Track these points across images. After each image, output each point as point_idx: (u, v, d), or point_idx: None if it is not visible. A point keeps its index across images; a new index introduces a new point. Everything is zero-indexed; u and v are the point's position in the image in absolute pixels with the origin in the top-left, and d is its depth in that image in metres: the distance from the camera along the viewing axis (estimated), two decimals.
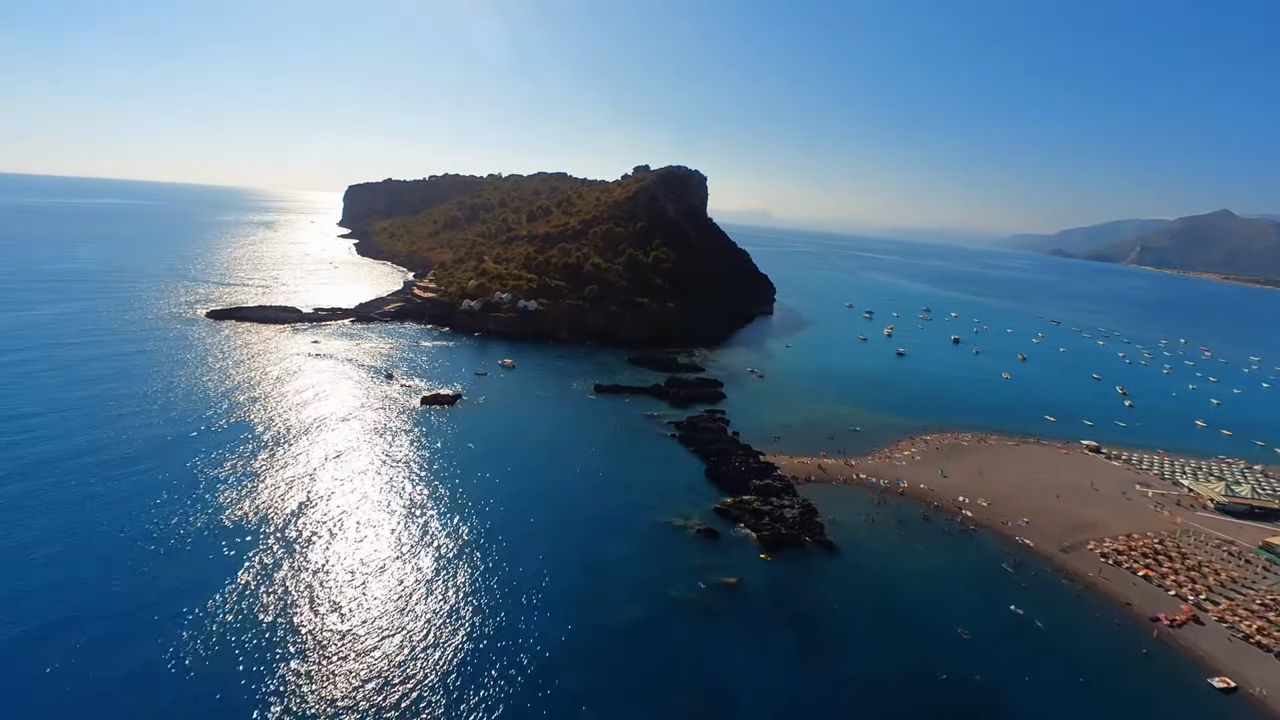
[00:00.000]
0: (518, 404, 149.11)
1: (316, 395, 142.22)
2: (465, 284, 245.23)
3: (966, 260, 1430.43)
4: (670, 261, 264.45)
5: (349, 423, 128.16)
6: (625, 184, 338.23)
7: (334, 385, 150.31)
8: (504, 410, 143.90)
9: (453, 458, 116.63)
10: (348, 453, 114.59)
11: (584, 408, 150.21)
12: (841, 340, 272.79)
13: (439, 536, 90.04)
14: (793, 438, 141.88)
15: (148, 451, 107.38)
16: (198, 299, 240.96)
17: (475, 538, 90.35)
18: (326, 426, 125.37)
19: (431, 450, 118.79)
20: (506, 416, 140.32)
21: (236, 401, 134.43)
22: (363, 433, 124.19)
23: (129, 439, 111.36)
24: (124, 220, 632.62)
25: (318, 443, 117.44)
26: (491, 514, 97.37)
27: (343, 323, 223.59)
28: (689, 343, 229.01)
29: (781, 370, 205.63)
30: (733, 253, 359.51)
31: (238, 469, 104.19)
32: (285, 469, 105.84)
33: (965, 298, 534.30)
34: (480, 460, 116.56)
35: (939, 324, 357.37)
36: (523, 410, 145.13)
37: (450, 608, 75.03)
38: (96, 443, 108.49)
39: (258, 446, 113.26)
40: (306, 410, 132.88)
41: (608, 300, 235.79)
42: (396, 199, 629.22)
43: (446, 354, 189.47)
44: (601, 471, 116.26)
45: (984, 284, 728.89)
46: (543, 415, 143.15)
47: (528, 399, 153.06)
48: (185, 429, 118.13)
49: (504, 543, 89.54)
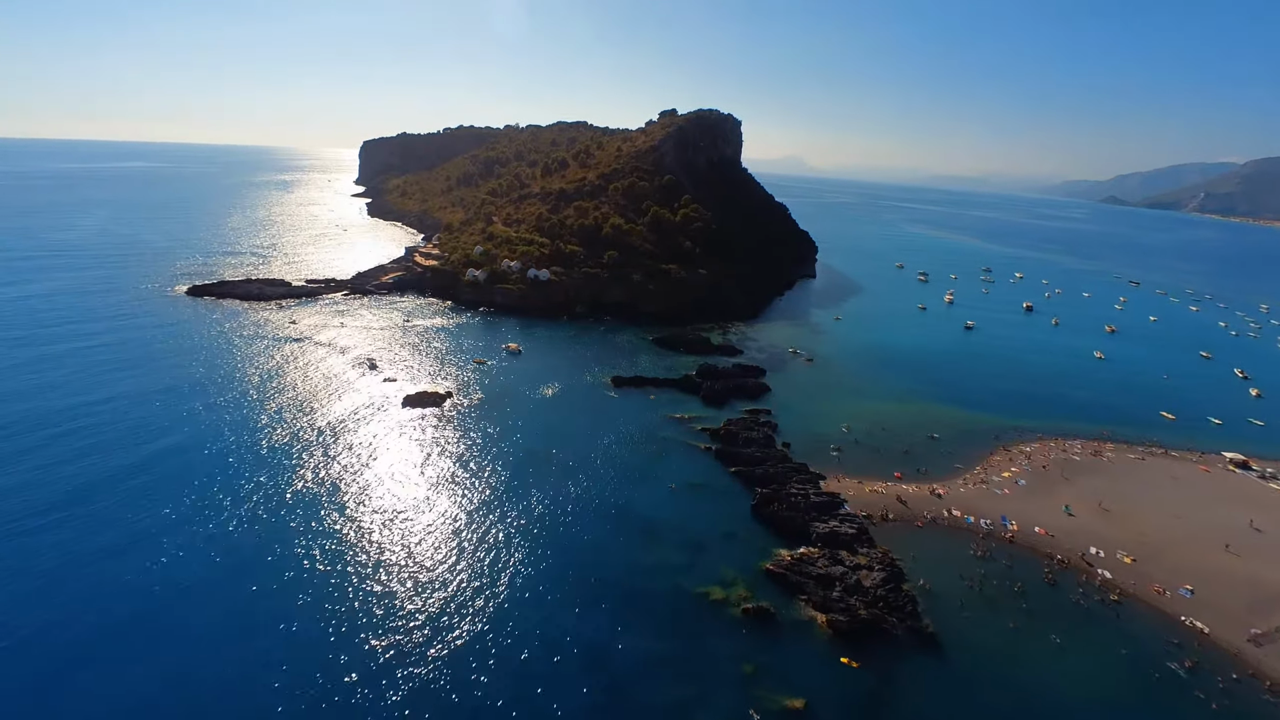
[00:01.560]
0: (518, 404, 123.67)
1: (272, 395, 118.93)
2: (470, 250, 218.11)
3: (1017, 210, 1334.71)
4: (701, 220, 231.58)
5: (302, 436, 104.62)
6: (649, 131, 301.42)
7: (300, 380, 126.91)
8: (500, 414, 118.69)
9: (422, 485, 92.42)
10: (285, 489, 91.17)
11: (598, 409, 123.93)
12: (898, 310, 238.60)
13: (362, 639, 66.13)
14: (857, 451, 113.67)
15: (62, 499, 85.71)
16: (185, 272, 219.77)
17: (420, 630, 66.21)
18: (273, 440, 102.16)
19: (399, 471, 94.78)
20: (502, 423, 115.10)
21: (171, 411, 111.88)
22: (314, 452, 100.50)
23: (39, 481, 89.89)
24: (139, 185, 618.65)
25: (249, 468, 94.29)
26: (455, 582, 73.11)
27: (335, 297, 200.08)
28: (723, 316, 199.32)
29: (833, 351, 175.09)
30: (770, 207, 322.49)
31: (137, 521, 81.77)
32: (186, 509, 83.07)
33: (1026, 254, 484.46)
34: (455, 490, 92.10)
35: (1003, 287, 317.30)
36: (523, 413, 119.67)
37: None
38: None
39: (164, 479, 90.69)
40: (255, 416, 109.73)
41: (629, 267, 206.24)
42: (410, 153, 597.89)
43: (444, 336, 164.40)
44: (614, 507, 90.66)
45: (1042, 238, 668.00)
46: (546, 421, 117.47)
47: (531, 398, 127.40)
48: (104, 466, 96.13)
49: (463, 633, 65.30)
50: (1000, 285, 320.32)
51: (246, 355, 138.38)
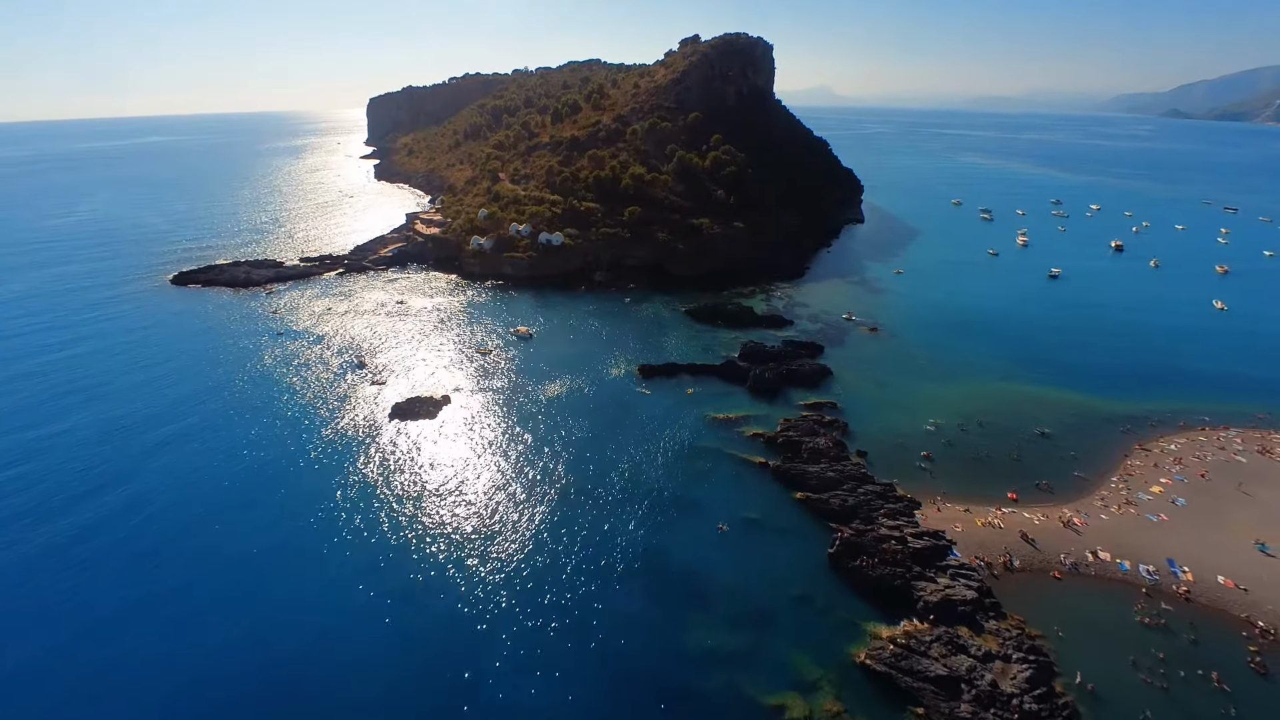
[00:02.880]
0: (525, 409, 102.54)
1: (236, 420, 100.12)
2: (474, 214, 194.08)
3: (1073, 130, 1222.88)
4: (734, 164, 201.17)
5: (262, 480, 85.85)
6: (670, 63, 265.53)
7: (272, 393, 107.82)
8: (503, 424, 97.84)
9: (405, 535, 72.97)
10: (240, 546, 72.73)
11: (622, 412, 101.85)
12: (965, 257, 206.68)
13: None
14: (951, 458, 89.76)
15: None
16: (174, 258, 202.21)
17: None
18: (232, 489, 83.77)
19: (381, 518, 75.48)
20: (504, 438, 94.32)
21: (118, 459, 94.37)
22: (271, 505, 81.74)
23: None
24: (150, 161, 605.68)
25: (190, 544, 76.10)
26: (427, 677, 53.84)
27: (329, 276, 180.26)
28: (764, 276, 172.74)
29: (898, 315, 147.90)
30: (809, 144, 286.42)
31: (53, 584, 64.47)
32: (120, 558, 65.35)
33: (1096, 180, 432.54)
34: (444, 541, 72.39)
35: (1080, 222, 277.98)
36: (531, 422, 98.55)
37: None
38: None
39: (94, 561, 73.13)
40: (209, 459, 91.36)
41: (654, 224, 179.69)
42: (418, 108, 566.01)
43: (443, 319, 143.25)
44: (644, 559, 69.71)
45: (1109, 160, 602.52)
46: (558, 431, 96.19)
47: (541, 399, 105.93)
48: (26, 544, 79.20)
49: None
50: (1076, 220, 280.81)
51: (217, 362, 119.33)
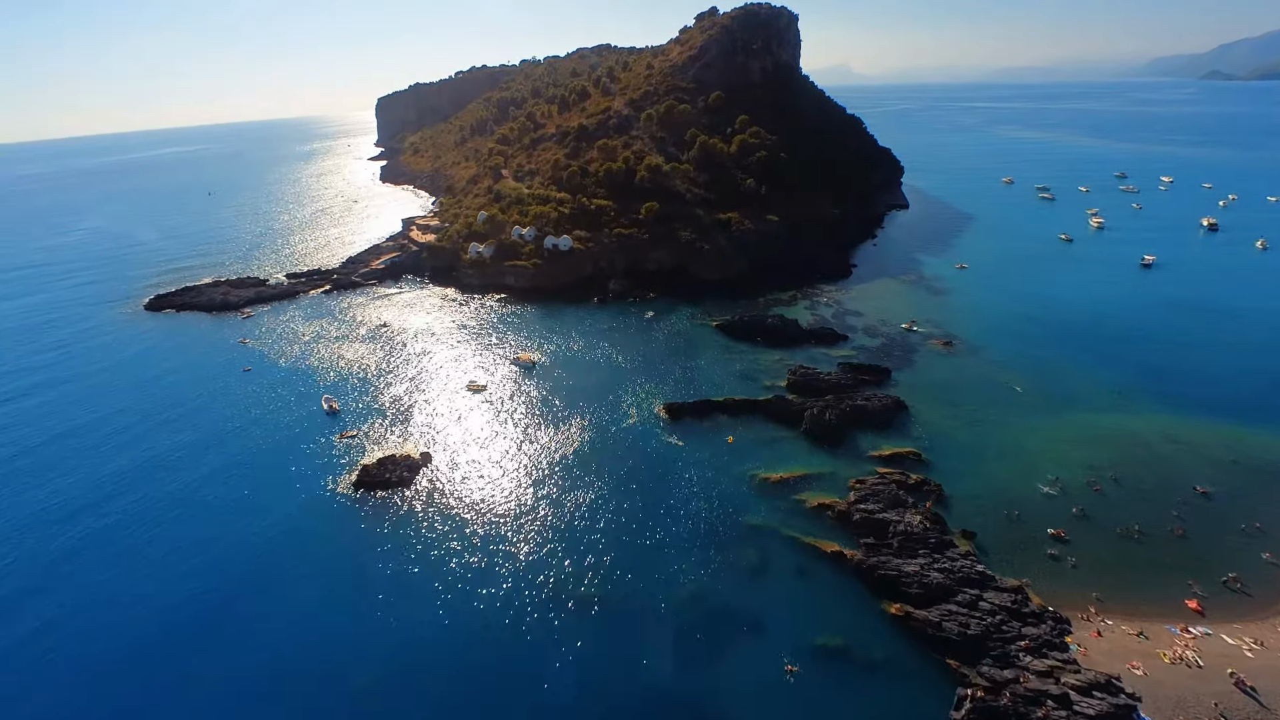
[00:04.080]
0: (521, 468, 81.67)
1: (176, 487, 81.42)
2: (473, 217, 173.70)
3: (1112, 98, 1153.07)
4: (764, 148, 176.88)
5: (191, 574, 66.51)
6: (686, 39, 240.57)
7: (222, 451, 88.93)
8: (495, 494, 77.06)
9: (350, 674, 52.69)
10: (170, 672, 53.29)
11: (644, 466, 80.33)
12: (1034, 245, 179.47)
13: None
14: (1092, 535, 66.44)
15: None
16: (157, 280, 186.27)
17: None
18: (149, 586, 64.64)
19: (325, 631, 55.46)
20: (495, 515, 73.55)
21: (27, 563, 76.21)
22: (201, 621, 62.27)
23: None
24: (163, 173, 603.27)
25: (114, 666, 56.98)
26: None
27: (314, 294, 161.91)
28: (805, 277, 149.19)
29: (972, 323, 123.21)
30: (843, 123, 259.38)
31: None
32: None
33: (1157, 150, 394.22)
34: (400, 684, 51.95)
35: (1154, 197, 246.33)
36: (530, 491, 77.66)
37: None
38: None
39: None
40: (138, 535, 72.63)
41: (675, 222, 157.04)
42: (425, 106, 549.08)
43: (433, 346, 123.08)
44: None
45: (1165, 127, 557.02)
46: (564, 504, 75.00)
47: (544, 455, 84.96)
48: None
49: None
50: (1150, 196, 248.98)
51: (166, 420, 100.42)
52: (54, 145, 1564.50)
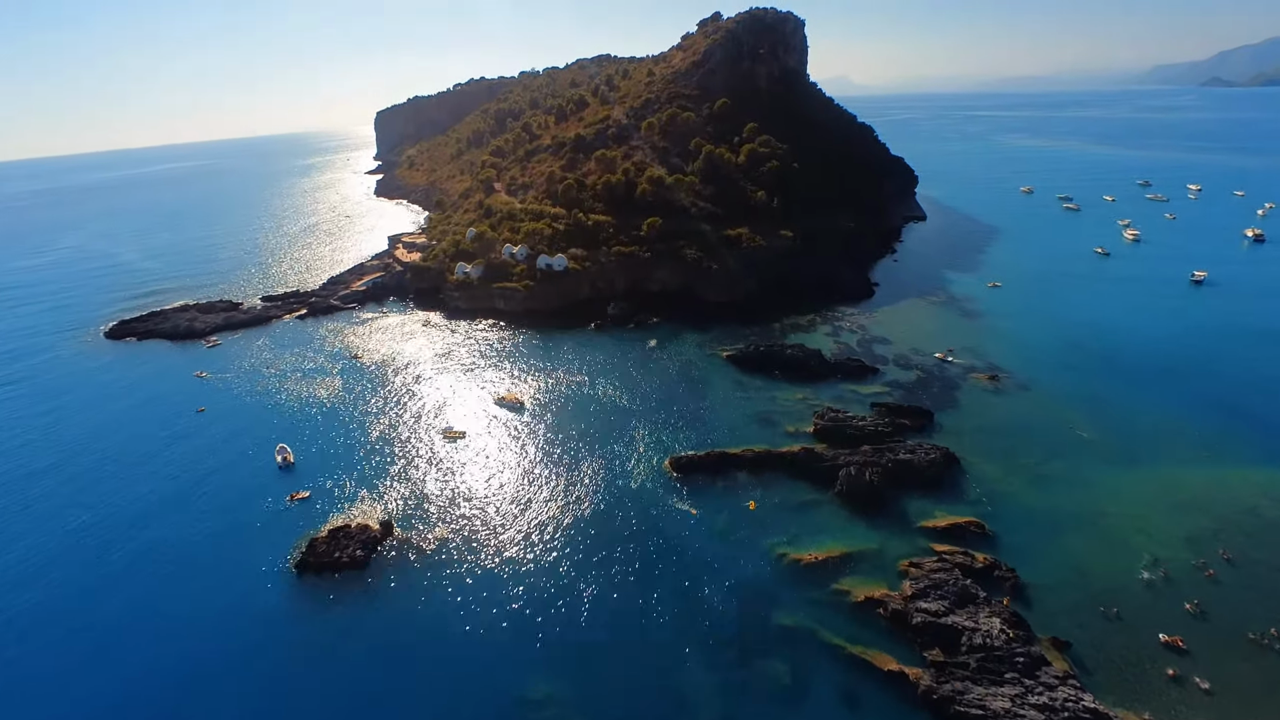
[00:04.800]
0: (499, 544, 67.70)
1: (94, 573, 67.86)
2: (462, 234, 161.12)
3: (1118, 105, 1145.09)
4: (774, 157, 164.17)
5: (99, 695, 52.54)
6: (689, 45, 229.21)
7: (154, 521, 75.41)
8: (459, 578, 63.17)
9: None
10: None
11: (648, 540, 66.39)
12: (1069, 260, 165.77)
13: None
14: (1216, 642, 52.29)
15: None
16: (125, 302, 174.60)
17: None
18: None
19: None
20: (459, 603, 59.70)
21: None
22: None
23: None
24: (161, 189, 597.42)
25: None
26: None
27: (287, 320, 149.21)
28: (823, 298, 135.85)
29: (1018, 351, 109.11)
30: (852, 130, 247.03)
31: None
32: None
33: (1176, 157, 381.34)
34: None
35: (1184, 206, 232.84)
36: (503, 571, 63.67)
37: None
38: None
39: None
40: (41, 643, 58.88)
41: (680, 239, 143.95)
42: (424, 119, 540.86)
43: (409, 383, 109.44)
44: None
45: (1179, 134, 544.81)
46: (547, 587, 61.10)
47: (530, 523, 71.11)
48: None
49: None
50: (1180, 205, 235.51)
51: (98, 477, 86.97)
52: (53, 162, 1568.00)
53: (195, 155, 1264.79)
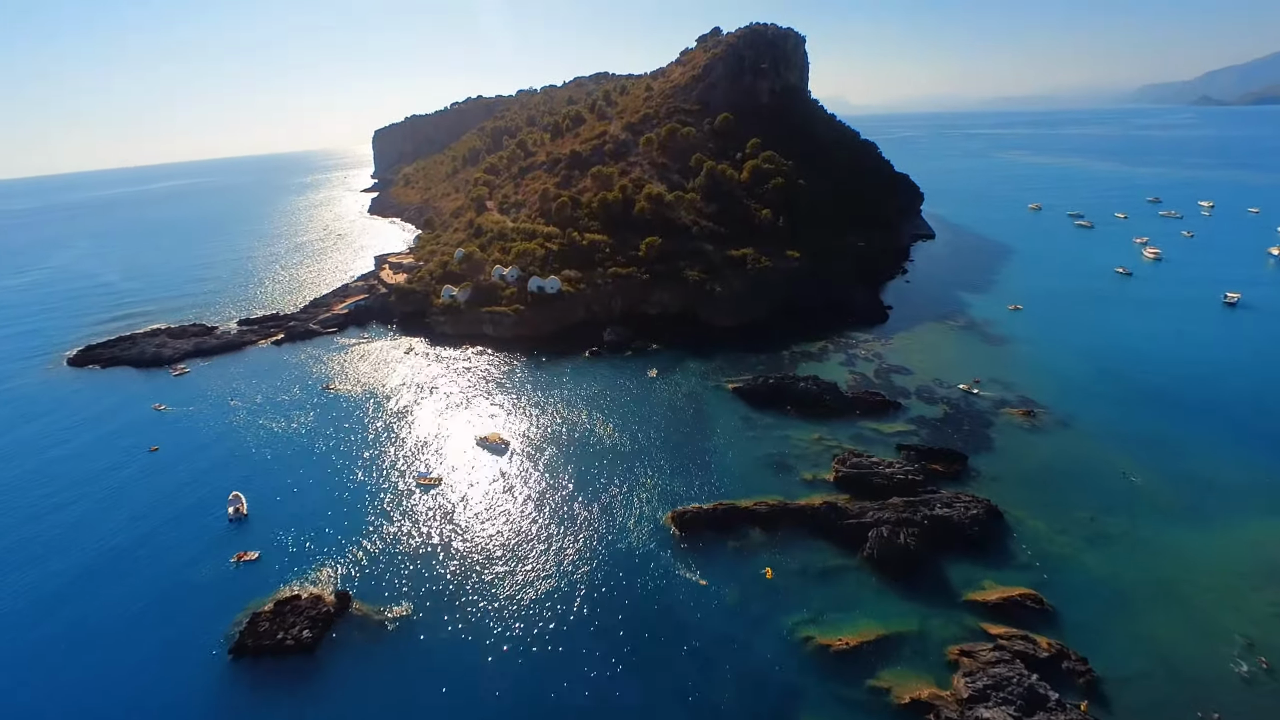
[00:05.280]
0: (472, 619, 57.78)
1: (14, 651, 57.84)
2: (450, 255, 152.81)
3: (1113, 123, 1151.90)
4: (779, 173, 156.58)
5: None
6: (689, 60, 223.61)
7: (72, 593, 65.51)
8: (431, 669, 53.21)
9: None
10: None
11: (646, 616, 56.49)
12: (1089, 280, 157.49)
13: None
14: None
15: None
16: (97, 325, 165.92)
17: None
18: None
19: None
20: (429, 708, 49.68)
21: None
22: None
23: None
24: (158, 205, 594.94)
25: None
26: None
27: (263, 345, 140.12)
28: (834, 322, 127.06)
29: (1052, 383, 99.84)
30: (856, 148, 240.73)
31: None
32: None
33: (1181, 174, 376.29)
34: None
35: (1199, 223, 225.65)
36: (477, 658, 53.77)
37: None
38: None
39: None
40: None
41: (681, 259, 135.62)
42: (422, 138, 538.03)
43: (384, 416, 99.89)
44: None
45: (1180, 150, 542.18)
46: (532, 680, 51.19)
47: (509, 594, 61.11)
48: None
49: None
50: (1195, 222, 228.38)
51: (42, 528, 77.66)
52: (58, 179, 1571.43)
53: (198, 173, 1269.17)
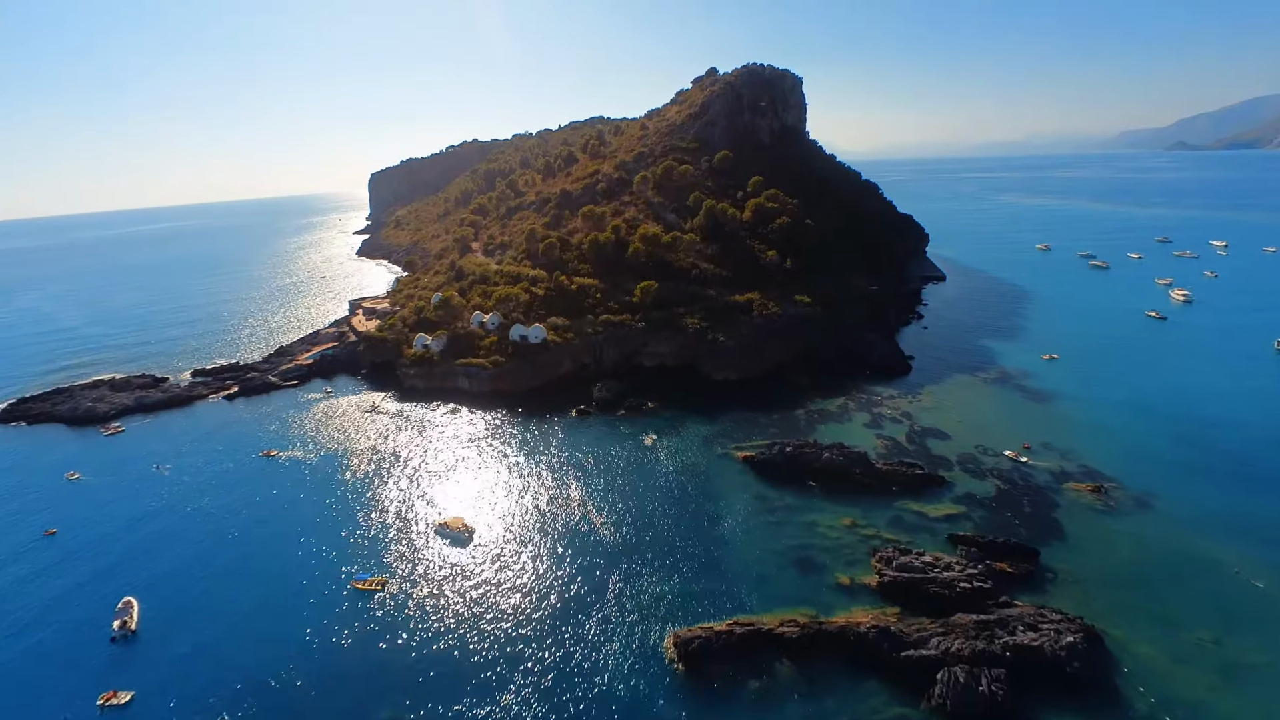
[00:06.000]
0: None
1: None
2: (426, 299, 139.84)
3: (1098, 167, 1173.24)
4: (785, 212, 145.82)
5: None
6: (686, 98, 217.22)
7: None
8: None
9: None
10: None
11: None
12: (1124, 327, 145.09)
13: None
14: None
15: None
16: (39, 375, 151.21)
17: None
18: None
19: None
20: None
21: None
22: None
23: None
24: (153, 246, 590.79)
25: None
26: None
27: (214, 399, 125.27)
28: (852, 375, 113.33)
29: (1109, 446, 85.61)
30: (860, 188, 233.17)
31: None
32: None
33: (1182, 215, 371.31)
34: None
35: (1216, 263, 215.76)
36: None
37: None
38: None
39: None
40: None
41: (680, 305, 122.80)
42: (416, 180, 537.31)
43: (327, 495, 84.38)
44: None
45: (1175, 191, 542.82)
46: None
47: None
48: None
49: None
50: (1214, 262, 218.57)
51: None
52: (68, 220, 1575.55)
53: (203, 214, 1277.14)
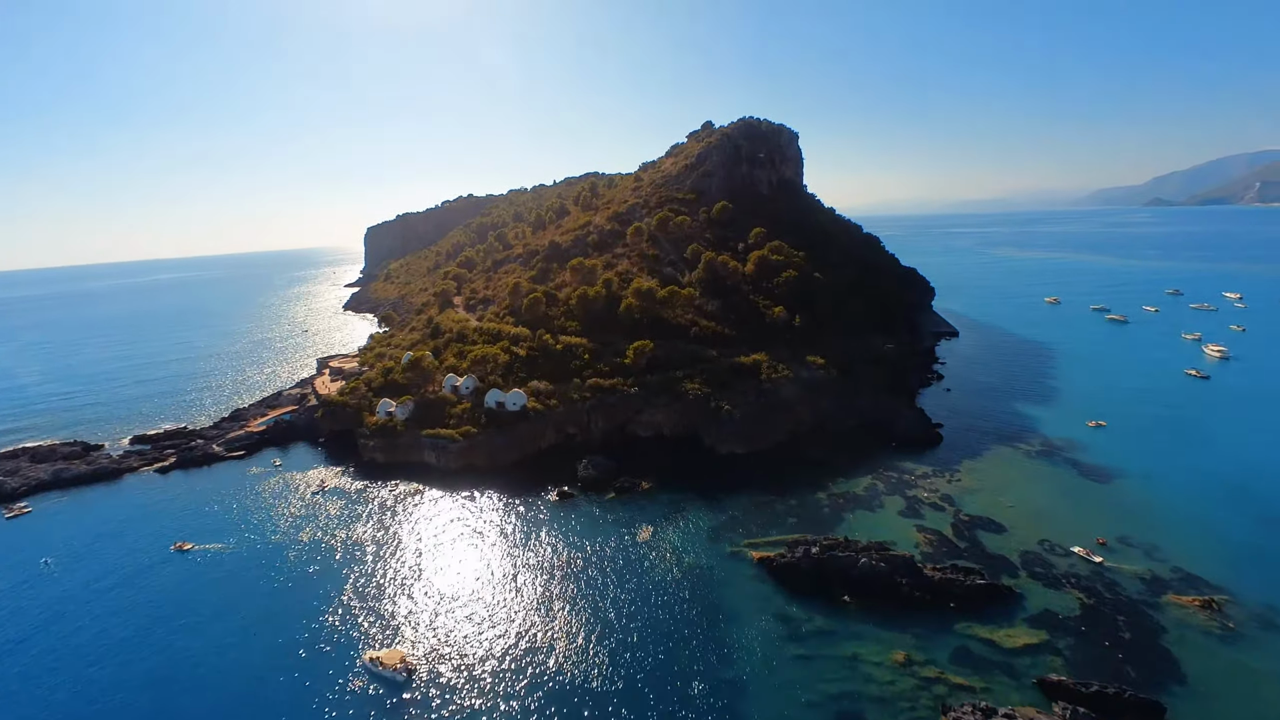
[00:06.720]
0: None
1: None
2: (396, 359, 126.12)
3: (1084, 222, 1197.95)
4: (791, 265, 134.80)
5: None
6: (681, 151, 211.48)
7: None
8: None
9: None
10: None
11: None
12: (1167, 389, 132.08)
13: None
14: None
15: None
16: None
17: None
18: None
19: None
20: None
21: None
22: None
23: None
24: (143, 297, 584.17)
25: None
26: None
27: (146, 473, 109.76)
28: (874, 448, 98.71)
29: (1197, 538, 70.74)
30: (863, 241, 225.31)
31: None
32: None
33: (1184, 267, 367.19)
34: None
35: (1237, 317, 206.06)
36: None
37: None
38: None
39: None
40: None
41: (678, 367, 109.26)
42: (411, 234, 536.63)
43: (246, 606, 67.80)
44: None
45: (1171, 245, 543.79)
46: None
47: None
48: None
49: None
50: (1234, 316, 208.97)
51: None
52: (64, 271, 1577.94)
53: (204, 266, 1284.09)
